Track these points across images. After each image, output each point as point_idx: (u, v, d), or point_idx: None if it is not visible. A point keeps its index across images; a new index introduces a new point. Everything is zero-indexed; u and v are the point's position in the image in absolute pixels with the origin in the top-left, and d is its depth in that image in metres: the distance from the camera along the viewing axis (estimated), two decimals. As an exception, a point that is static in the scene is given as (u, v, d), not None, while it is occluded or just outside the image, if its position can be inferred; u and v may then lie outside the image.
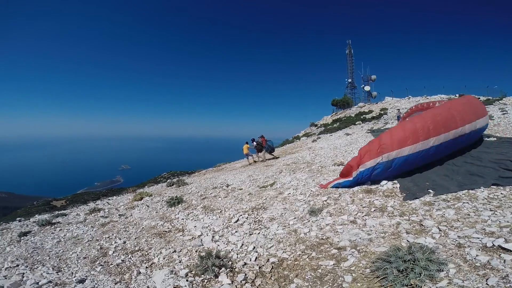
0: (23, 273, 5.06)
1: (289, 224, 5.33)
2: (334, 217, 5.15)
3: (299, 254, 4.20)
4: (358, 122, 30.30)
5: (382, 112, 33.74)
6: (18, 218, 12.26)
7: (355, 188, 6.41)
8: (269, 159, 15.97)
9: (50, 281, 4.68)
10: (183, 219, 7.10)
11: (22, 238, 7.40)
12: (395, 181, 6.43)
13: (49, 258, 5.80)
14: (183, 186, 11.86)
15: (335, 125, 33.48)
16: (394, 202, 5.28)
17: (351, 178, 6.71)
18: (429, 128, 6.76)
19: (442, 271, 2.87)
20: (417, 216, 4.52)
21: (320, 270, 3.66)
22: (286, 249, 4.46)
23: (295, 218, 5.55)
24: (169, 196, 9.46)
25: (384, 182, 6.44)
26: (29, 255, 6.02)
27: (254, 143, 15.83)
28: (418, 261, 2.92)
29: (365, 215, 4.93)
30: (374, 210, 5.06)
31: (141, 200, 10.31)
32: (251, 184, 9.49)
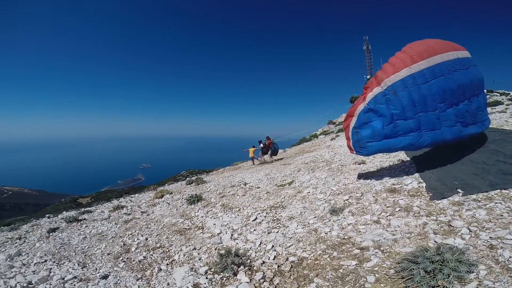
0: (51, 269, 5.30)
1: (309, 223, 5.25)
2: (357, 216, 5.01)
3: (320, 254, 4.12)
4: (378, 119, 29.48)
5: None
6: (47, 215, 12.92)
7: (378, 188, 6.20)
8: (273, 161, 15.80)
9: (75, 277, 4.88)
10: (202, 216, 7.17)
11: (50, 234, 7.75)
12: (421, 180, 6.16)
13: (75, 254, 6.04)
14: (202, 184, 12.00)
15: (354, 123, 32.75)
16: (420, 201, 5.06)
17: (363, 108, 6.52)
18: (413, 56, 6.40)
19: (472, 272, 2.77)
20: (445, 216, 4.32)
21: (341, 270, 3.58)
22: (306, 248, 4.38)
23: (315, 217, 5.45)
24: (188, 194, 9.59)
25: (409, 181, 6.19)
26: (56, 251, 6.29)
27: (261, 145, 15.67)
28: (447, 262, 2.83)
29: (390, 215, 4.76)
30: (399, 210, 4.87)
31: (162, 197, 10.53)
32: (269, 183, 9.44)
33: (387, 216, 4.74)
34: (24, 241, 7.53)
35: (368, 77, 53.89)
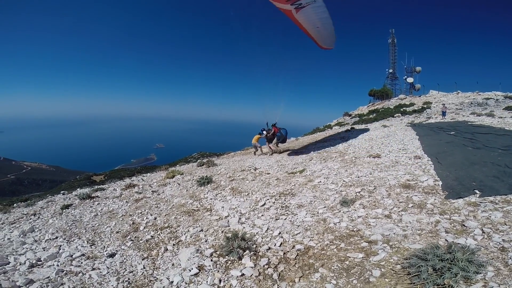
0: (60, 245, 5.49)
1: (318, 213, 5.19)
2: (368, 209, 4.91)
3: (327, 244, 4.08)
4: (397, 114, 28.62)
5: (425, 105, 31.53)
6: (62, 191, 13.43)
7: (392, 182, 6.03)
8: (281, 151, 14.18)
9: (83, 254, 5.03)
10: (211, 199, 7.22)
11: (64, 211, 8.03)
12: (437, 178, 5.98)
13: (85, 231, 6.23)
14: (213, 167, 12.07)
15: (371, 116, 31.97)
16: (435, 199, 4.92)
17: None
18: None
19: (480, 273, 2.75)
20: (459, 215, 4.20)
21: (347, 262, 3.55)
22: (313, 237, 4.35)
23: (325, 207, 5.38)
24: (199, 176, 9.67)
25: (425, 178, 6.01)
26: (68, 228, 6.51)
27: (265, 132, 13.88)
28: (457, 261, 2.80)
29: (402, 211, 4.66)
30: (412, 206, 4.76)
31: (173, 178, 10.67)
32: (279, 169, 9.38)
33: (399, 212, 4.63)
34: (38, 217, 7.83)
35: (391, 71, 52.03)
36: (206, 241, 4.98)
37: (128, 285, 3.99)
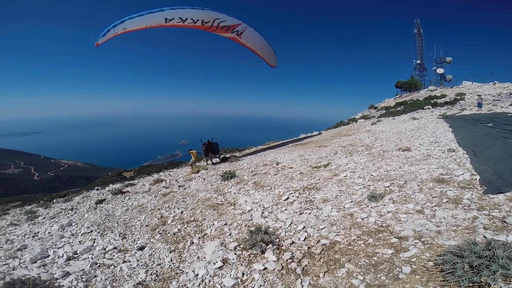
0: (95, 239, 5.81)
1: (344, 207, 5.03)
2: (398, 204, 4.68)
3: (354, 239, 3.94)
4: (427, 106, 27.11)
5: (458, 97, 29.59)
6: (96, 187, 14.22)
7: (424, 176, 5.70)
8: (216, 163, 13.62)
9: (115, 247, 5.28)
10: (235, 193, 7.27)
11: (98, 205, 8.49)
12: (474, 173, 5.58)
13: (117, 225, 6.53)
14: (235, 162, 12.17)
15: (398, 108, 30.58)
16: (472, 194, 4.59)
17: None
18: None
19: None
20: (499, 211, 3.89)
21: (375, 258, 3.42)
22: (339, 232, 4.22)
23: (351, 201, 5.20)
24: (223, 171, 9.77)
25: (460, 172, 5.64)
26: (102, 222, 6.86)
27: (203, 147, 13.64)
28: (497, 258, 2.62)
29: (435, 206, 4.40)
30: (447, 201, 4.47)
31: (197, 173, 10.90)
32: (302, 164, 9.22)
33: (432, 207, 4.38)
34: (75, 212, 8.35)
35: (419, 62, 49.41)
36: (230, 235, 5.01)
37: (156, 278, 4.11)
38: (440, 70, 46.70)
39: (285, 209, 5.53)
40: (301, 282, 3.32)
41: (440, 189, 4.99)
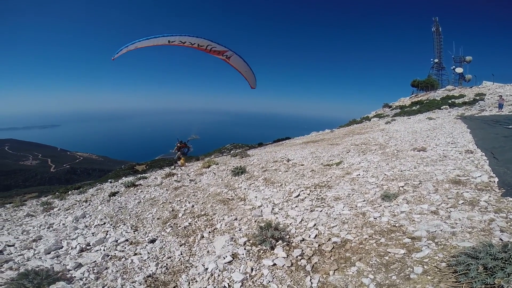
0: (107, 231, 5.92)
1: (356, 206, 4.95)
2: (412, 205, 4.57)
3: (366, 238, 3.89)
4: (444, 106, 26.35)
5: (478, 97, 28.60)
6: (109, 180, 14.54)
7: (440, 177, 5.55)
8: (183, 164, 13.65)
9: (127, 240, 5.37)
10: (245, 188, 7.28)
11: (111, 198, 8.68)
12: (492, 175, 5.40)
13: (130, 218, 6.65)
14: (246, 158, 12.18)
15: (414, 107, 29.86)
16: (490, 197, 4.45)
17: None
18: None
19: None
20: (518, 215, 3.76)
21: (387, 257, 3.38)
22: (351, 231, 4.16)
23: (364, 200, 5.12)
24: (233, 166, 9.79)
25: (478, 174, 5.46)
26: (114, 214, 7.00)
27: (178, 144, 13.93)
28: None
29: (451, 207, 4.29)
30: (463, 203, 4.35)
31: (208, 167, 10.97)
32: (314, 161, 9.13)
33: (447, 208, 4.28)
34: (89, 204, 8.56)
35: (436, 60, 47.96)
36: (240, 230, 5.02)
37: (166, 271, 4.15)
38: (459, 70, 45.16)
39: (296, 206, 5.50)
40: (310, 279, 3.31)
41: (456, 190, 4.86)
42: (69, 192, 12.59)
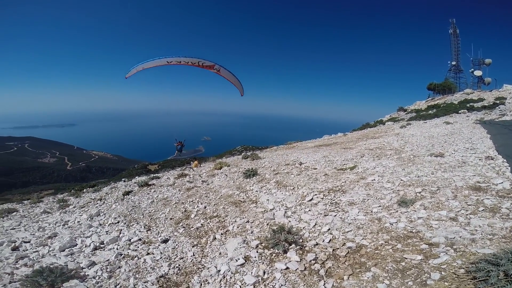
0: (121, 230, 5.98)
1: (372, 212, 4.86)
2: (430, 211, 4.45)
3: (381, 244, 3.81)
4: (462, 110, 25.55)
5: (498, 101, 27.57)
6: (123, 179, 14.81)
7: (459, 184, 5.38)
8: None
9: (140, 239, 5.42)
10: (257, 191, 7.26)
11: (125, 197, 8.81)
12: (515, 182, 5.16)
13: (143, 217, 6.72)
14: (257, 160, 12.15)
15: (430, 111, 29.10)
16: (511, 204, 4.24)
17: None
18: None
19: None
20: (541, 222, 3.60)
21: (403, 263, 3.30)
22: (366, 236, 4.09)
23: (380, 206, 5.02)
24: (245, 168, 9.79)
25: (499, 180, 5.27)
26: (128, 213, 7.09)
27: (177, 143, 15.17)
28: None
29: (470, 214, 4.17)
30: (483, 210, 4.22)
31: (220, 169, 11.00)
32: (327, 165, 9.01)
33: (467, 214, 4.16)
34: (104, 202, 8.71)
35: (454, 63, 46.60)
36: (252, 233, 5.01)
37: (178, 271, 4.18)
38: (478, 72, 43.69)
39: (309, 210, 5.44)
40: (324, 284, 3.26)
41: (476, 197, 4.70)
42: (84, 190, 12.85)
